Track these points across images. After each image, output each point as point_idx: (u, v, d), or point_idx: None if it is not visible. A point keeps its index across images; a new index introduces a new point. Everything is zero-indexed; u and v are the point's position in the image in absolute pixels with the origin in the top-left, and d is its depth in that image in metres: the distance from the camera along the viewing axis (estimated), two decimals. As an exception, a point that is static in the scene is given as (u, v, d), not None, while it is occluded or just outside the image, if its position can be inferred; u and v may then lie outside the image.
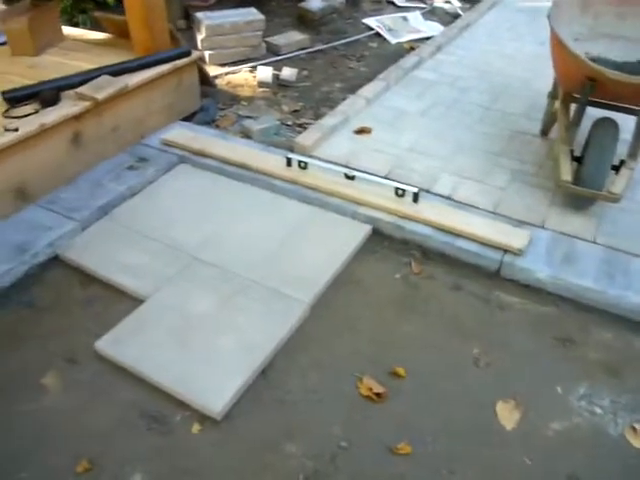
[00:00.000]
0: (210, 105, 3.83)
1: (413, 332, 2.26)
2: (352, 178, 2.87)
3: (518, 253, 2.49)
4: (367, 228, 2.72)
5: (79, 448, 1.86)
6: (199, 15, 4.38)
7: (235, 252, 2.58)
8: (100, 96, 2.91)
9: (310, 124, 3.69)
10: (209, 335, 2.18)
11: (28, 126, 2.68)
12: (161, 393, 2.01)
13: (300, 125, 3.75)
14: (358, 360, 2.15)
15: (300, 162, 2.96)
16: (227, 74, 4.31)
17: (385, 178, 2.96)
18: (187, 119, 3.66)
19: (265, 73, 4.20)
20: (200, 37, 4.36)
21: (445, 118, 3.65)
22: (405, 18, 5.39)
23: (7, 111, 2.82)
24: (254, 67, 4.39)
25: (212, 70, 4.26)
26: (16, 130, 2.64)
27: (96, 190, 2.91)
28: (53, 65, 3.36)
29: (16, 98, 2.88)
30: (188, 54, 3.44)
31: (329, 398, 2.01)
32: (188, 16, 4.88)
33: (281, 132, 3.65)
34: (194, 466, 1.82)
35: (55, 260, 2.58)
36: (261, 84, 4.18)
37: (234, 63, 4.45)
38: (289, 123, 3.77)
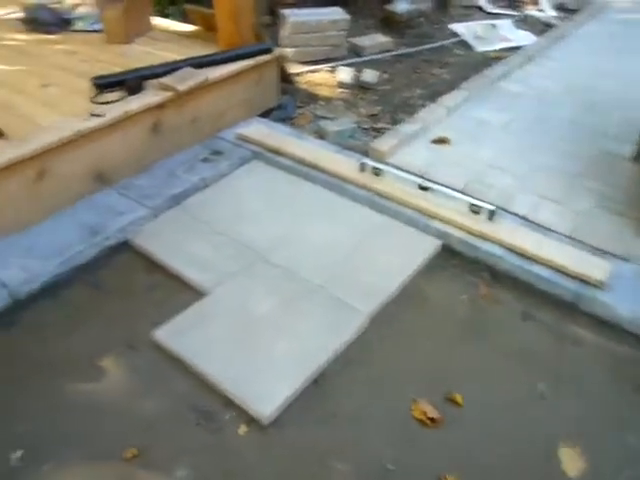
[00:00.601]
0: (288, 103, 3.83)
1: (476, 358, 2.15)
2: (426, 189, 2.77)
3: (598, 285, 2.32)
4: (437, 243, 2.62)
5: (129, 434, 1.88)
6: (285, 12, 4.39)
7: (301, 254, 2.55)
8: (181, 87, 2.95)
9: (387, 129, 3.61)
10: (267, 337, 2.16)
11: (113, 112, 2.76)
12: (212, 389, 2.00)
13: (377, 130, 3.67)
14: (414, 380, 2.06)
15: (374, 168, 2.89)
16: (307, 72, 4.29)
17: (460, 192, 2.85)
18: (264, 115, 3.68)
19: (346, 74, 4.16)
20: (284, 34, 4.37)
21: (528, 133, 3.48)
22: (494, 26, 5.20)
23: (95, 96, 2.92)
24: (335, 67, 4.35)
25: (293, 68, 4.26)
26: (103, 115, 2.72)
27: (170, 179, 2.96)
28: (141, 54, 3.46)
29: (105, 85, 2.98)
30: (270, 51, 3.45)
31: (380, 417, 1.94)
32: (273, 12, 4.90)
33: (356, 135, 3.59)
34: (238, 468, 1.80)
35: (124, 245, 2.65)
36: (341, 85, 4.14)
37: (315, 62, 4.43)
38: (365, 127, 3.71)
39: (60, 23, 3.85)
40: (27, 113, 2.80)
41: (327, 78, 4.26)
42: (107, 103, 2.86)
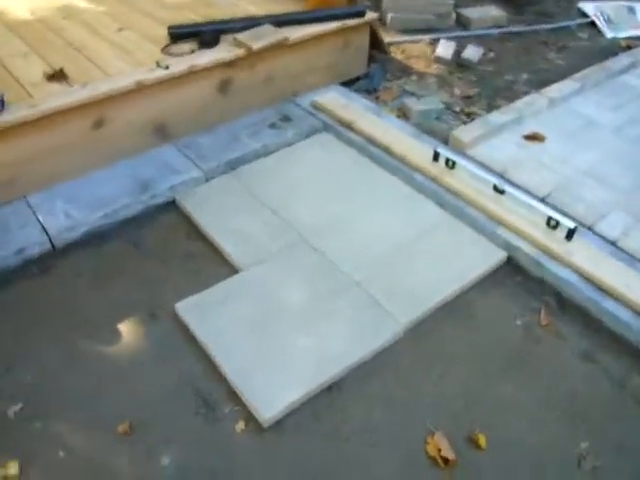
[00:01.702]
0: (377, 73, 3.55)
1: (514, 397, 1.87)
2: (502, 192, 2.44)
3: (686, 340, 1.94)
4: (502, 255, 2.31)
5: (126, 407, 1.81)
6: (391, -27, 4.04)
7: (347, 244, 2.35)
8: (255, 46, 2.78)
9: (479, 115, 3.25)
10: (288, 331, 2.00)
11: (179, 65, 2.65)
12: (220, 376, 1.89)
13: (468, 114, 3.32)
14: (437, 409, 1.83)
15: (448, 160, 2.59)
16: (405, 42, 3.96)
17: (542, 200, 2.49)
18: (348, 83, 3.43)
19: (446, 48, 3.78)
20: (386, -4, 4.05)
21: (644, 141, 2.98)
22: (632, 9, 4.52)
23: (167, 47, 2.82)
24: (436, 39, 3.97)
25: (389, 35, 3.94)
26: (167, 68, 2.61)
27: (232, 142, 2.83)
28: (226, 6, 3.31)
29: (179, 35, 2.87)
30: (362, 14, 3.17)
31: (389, 444, 1.74)
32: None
33: (444, 118, 3.26)
34: (225, 468, 1.68)
35: (171, 205, 2.57)
36: (438, 59, 3.77)
37: (416, 31, 4.07)
38: (456, 109, 3.36)
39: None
40: (96, 56, 2.76)
41: (425, 50, 3.91)
42: (177, 55, 2.75)
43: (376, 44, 3.52)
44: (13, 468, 1.66)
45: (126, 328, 2.07)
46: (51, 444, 1.72)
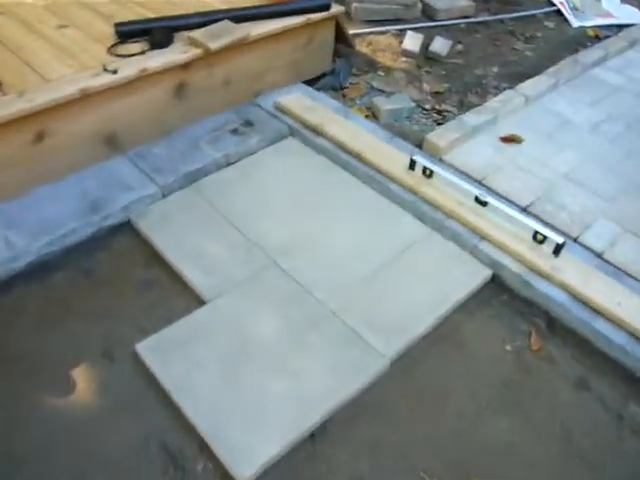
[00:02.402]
0: (342, 68, 3.34)
1: (508, 435, 1.74)
2: (484, 204, 2.30)
3: (682, 362, 1.85)
4: (486, 272, 2.18)
5: (82, 470, 1.60)
6: (354, -40, 3.82)
7: (320, 265, 2.17)
8: (213, 46, 2.53)
9: (451, 113, 3.11)
10: (262, 372, 1.81)
11: (128, 69, 2.38)
12: (190, 427, 1.69)
13: (439, 112, 3.17)
14: (429, 453, 1.68)
15: (425, 168, 2.43)
16: (370, 34, 3.76)
17: (525, 210, 2.37)
18: (313, 81, 3.22)
19: (413, 41, 3.61)
20: (349, -14, 3.82)
21: (622, 139, 2.89)
22: (598, -4, 4.44)
23: (114, 46, 2.55)
24: (402, 31, 3.79)
25: (354, 27, 3.73)
26: (115, 72, 2.35)
27: (190, 152, 2.59)
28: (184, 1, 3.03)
29: (127, 33, 2.60)
30: (327, 7, 2.95)
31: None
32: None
33: (414, 116, 3.10)
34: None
35: (126, 226, 2.32)
36: (406, 53, 3.59)
37: (382, 22, 3.87)
38: (427, 107, 3.20)
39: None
40: (34, 59, 2.45)
41: (392, 43, 3.72)
42: (126, 56, 2.48)
43: (341, 38, 3.31)
44: None
45: (80, 374, 1.84)
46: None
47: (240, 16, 2.73)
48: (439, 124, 3.01)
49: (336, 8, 3.00)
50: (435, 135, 2.69)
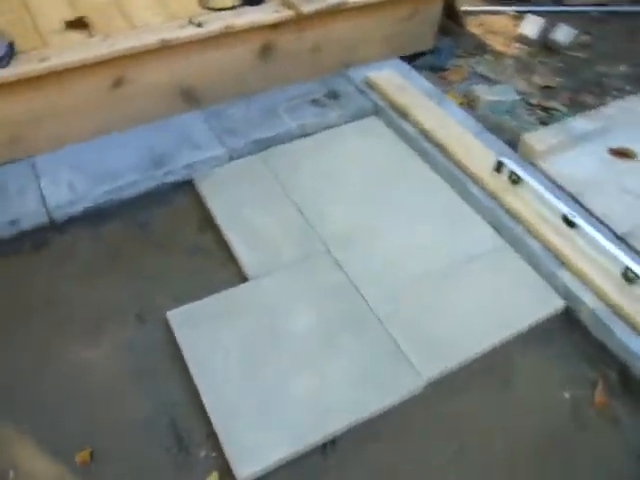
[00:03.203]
0: (446, 48, 3.07)
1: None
2: (572, 225, 2.02)
3: None
4: (559, 304, 1.92)
5: (92, 432, 1.59)
6: None
7: (375, 262, 2.00)
8: (306, 9, 2.37)
9: (559, 112, 2.78)
10: (287, 368, 1.70)
11: (214, 24, 2.28)
12: (203, 410, 1.63)
13: (545, 109, 2.84)
14: (448, 494, 1.52)
15: (512, 173, 2.17)
16: (485, 14, 3.42)
17: (620, 239, 2.05)
18: (411, 58, 2.97)
19: (532, 25, 3.24)
20: (473, -44, 3.48)
21: None
22: None
23: (207, -2, 2.45)
24: (522, 13, 3.41)
25: (467, 2, 3.41)
26: (199, 26, 2.26)
27: (265, 118, 2.48)
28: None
29: (222, -15, 2.48)
30: (438, -20, 2.68)
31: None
32: None
33: (517, 112, 2.79)
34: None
35: (187, 185, 2.28)
36: (521, 38, 3.24)
37: (502, 1, 3.51)
38: (532, 102, 2.88)
39: None
40: (126, 5, 2.41)
41: (507, 26, 3.37)
42: (216, 10, 2.38)
43: (451, 14, 3.03)
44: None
45: (109, 332, 1.82)
46: (2, 459, 1.52)
47: (341, -21, 2.53)
48: (543, 123, 2.69)
49: (448, -20, 2.72)
50: (534, 136, 2.40)
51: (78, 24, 2.23)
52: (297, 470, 1.54)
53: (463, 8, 3.23)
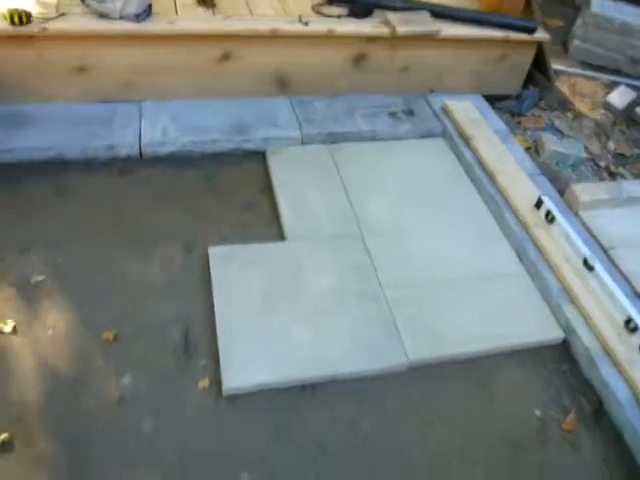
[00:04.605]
0: (529, 97, 3.23)
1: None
2: (590, 269, 2.12)
3: None
4: (558, 335, 2.03)
5: (121, 318, 1.89)
6: (595, -3, 3.61)
7: (400, 257, 2.20)
8: (400, 30, 2.64)
9: (624, 179, 2.86)
10: (295, 315, 1.94)
11: (318, 25, 2.61)
12: (213, 330, 1.88)
13: (612, 174, 2.93)
14: (396, 464, 1.67)
15: (549, 213, 2.30)
16: (577, 75, 3.55)
17: (638, 297, 2.13)
18: (494, 99, 3.16)
19: (622, 96, 3.33)
20: (579, 21, 3.63)
21: None
22: None
23: (320, 4, 2.79)
24: (615, 84, 3.51)
25: (563, 63, 3.56)
26: (306, 24, 2.59)
27: (343, 116, 2.77)
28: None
29: (335, -4, 2.82)
30: (531, 31, 2.87)
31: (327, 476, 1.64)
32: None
33: (581, 169, 2.90)
34: (170, 412, 1.69)
35: (259, 155, 2.59)
36: (608, 106, 3.34)
37: (597, 68, 3.63)
38: (601, 164, 2.98)
39: None
40: (253, -4, 2.81)
41: (596, 91, 3.48)
42: (324, 15, 2.71)
43: (542, 67, 3.20)
44: (9, 326, 1.82)
45: (160, 251, 2.14)
46: (47, 320, 1.85)
47: (441, 12, 2.80)
48: (603, 185, 2.79)
49: (540, 34, 2.90)
50: (581, 188, 2.51)
51: (207, 2, 2.63)
52: (273, 398, 1.76)
53: (555, 67, 3.38)
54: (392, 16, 2.70)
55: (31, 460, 1.54)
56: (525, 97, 3.21)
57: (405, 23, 2.68)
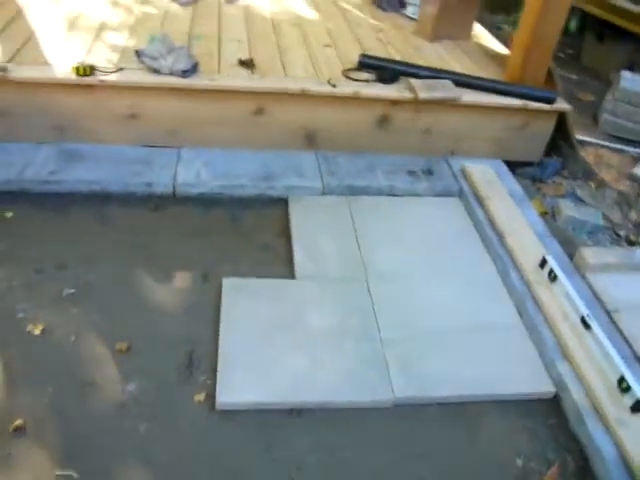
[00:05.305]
0: (552, 165, 3.34)
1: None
2: (587, 327, 2.16)
3: None
4: (548, 390, 2.05)
5: (135, 331, 2.07)
6: (624, 73, 3.72)
7: (401, 303, 2.30)
8: (422, 95, 2.85)
9: (641, 248, 2.88)
10: (291, 346, 2.06)
11: (346, 88, 2.86)
12: (216, 352, 2.03)
13: (631, 243, 2.95)
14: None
15: (551, 271, 2.37)
16: (604, 147, 3.63)
17: (637, 358, 2.14)
18: (515, 165, 3.29)
19: (649, 169, 3.39)
20: (609, 96, 3.74)
21: None
22: None
23: (349, 70, 3.05)
24: (642, 157, 3.58)
25: (591, 134, 3.66)
26: (334, 86, 2.85)
27: (364, 171, 2.96)
28: (429, 55, 3.43)
29: (365, 64, 3.08)
30: (551, 101, 3.02)
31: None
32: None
33: (598, 236, 2.95)
34: (164, 419, 1.82)
35: (282, 202, 2.79)
36: (633, 177, 3.39)
37: (626, 141, 3.70)
38: (621, 233, 3.01)
39: (398, 4, 4.06)
40: (290, 59, 3.11)
41: (623, 163, 3.54)
42: (352, 79, 2.96)
43: (566, 136, 3.31)
44: (38, 329, 2.04)
45: (179, 278, 2.34)
46: (71, 327, 2.06)
47: (463, 81, 3.00)
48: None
49: (560, 104, 3.04)
50: (590, 251, 2.57)
51: (247, 63, 2.94)
52: (262, 417, 1.86)
53: (582, 137, 3.49)
54: (415, 82, 2.92)
55: (38, 445, 1.71)
56: (547, 165, 3.32)
57: (427, 89, 2.89)
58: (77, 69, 2.65)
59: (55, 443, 1.73)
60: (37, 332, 2.03)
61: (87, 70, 2.66)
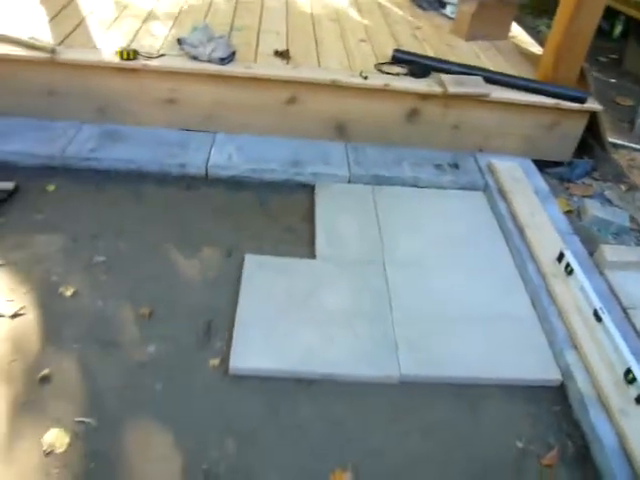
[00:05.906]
0: (581, 166, 3.33)
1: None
2: (599, 320, 2.17)
3: None
4: (556, 378, 2.08)
5: (156, 301, 2.20)
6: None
7: (416, 289, 2.37)
8: (451, 90, 2.90)
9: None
10: (305, 321, 2.16)
11: (376, 80, 2.94)
12: (233, 321, 2.14)
13: (657, 245, 2.92)
14: (368, 462, 1.79)
15: (568, 265, 2.38)
16: (636, 151, 3.59)
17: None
18: (545, 164, 3.29)
19: (681, 174, 3.34)
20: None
21: None
22: None
23: (382, 64, 3.13)
24: (678, 162, 3.52)
25: (626, 138, 3.62)
26: (365, 78, 2.93)
27: (391, 162, 3.02)
28: (464, 53, 3.46)
29: (398, 58, 3.15)
30: (582, 101, 3.02)
31: (296, 464, 1.78)
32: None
33: (624, 237, 2.93)
34: (180, 382, 1.93)
35: (308, 188, 2.88)
36: (666, 181, 3.35)
37: (661, 146, 3.65)
38: (647, 235, 2.99)
39: (437, 3, 4.11)
40: (325, 52, 3.20)
41: (656, 168, 3.49)
42: (384, 73, 3.04)
43: (598, 137, 3.30)
44: (70, 291, 2.19)
45: (204, 252, 2.46)
46: (99, 292, 2.20)
47: (493, 78, 3.03)
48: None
49: (591, 104, 3.04)
50: (610, 249, 2.56)
51: (283, 54, 3.06)
52: (272, 385, 1.96)
53: (616, 140, 3.46)
54: (445, 77, 2.97)
55: (61, 394, 1.85)
56: (577, 165, 3.31)
57: (456, 84, 2.94)
58: (121, 53, 2.82)
59: (77, 393, 1.86)
60: (68, 294, 2.18)
61: (130, 54, 2.82)
